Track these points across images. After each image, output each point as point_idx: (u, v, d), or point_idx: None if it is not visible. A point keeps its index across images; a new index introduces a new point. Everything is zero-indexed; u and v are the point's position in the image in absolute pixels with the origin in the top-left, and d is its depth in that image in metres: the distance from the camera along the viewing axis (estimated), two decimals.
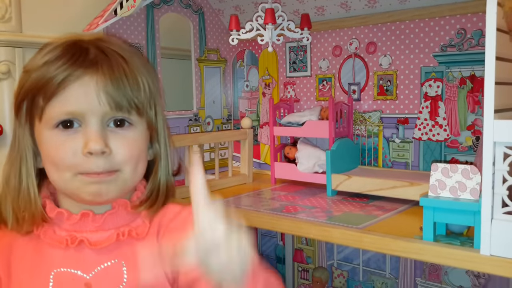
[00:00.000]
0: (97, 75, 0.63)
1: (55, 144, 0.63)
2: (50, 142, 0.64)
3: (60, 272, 0.66)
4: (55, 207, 0.68)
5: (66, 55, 0.63)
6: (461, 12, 1.06)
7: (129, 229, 0.68)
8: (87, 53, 0.64)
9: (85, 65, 0.63)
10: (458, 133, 1.09)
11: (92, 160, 0.63)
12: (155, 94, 0.71)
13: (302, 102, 1.37)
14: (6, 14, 1.11)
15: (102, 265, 0.67)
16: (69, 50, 0.64)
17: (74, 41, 0.66)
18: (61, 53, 0.64)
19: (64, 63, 0.62)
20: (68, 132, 0.63)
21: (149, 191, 0.72)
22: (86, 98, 0.62)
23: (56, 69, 0.62)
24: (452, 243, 0.74)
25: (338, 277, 1.36)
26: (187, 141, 1.16)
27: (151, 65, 0.76)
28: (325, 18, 1.29)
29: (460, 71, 1.08)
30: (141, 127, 0.68)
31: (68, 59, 0.63)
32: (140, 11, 1.23)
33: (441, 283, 1.16)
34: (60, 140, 0.63)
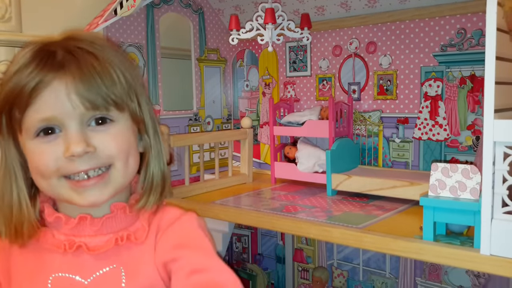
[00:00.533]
0: (66, 78, 0.61)
1: (37, 152, 0.63)
2: (32, 151, 0.63)
3: (58, 277, 0.65)
4: (53, 212, 0.67)
5: (35, 61, 0.62)
6: (461, 12, 1.06)
7: (128, 234, 0.67)
8: (55, 56, 0.62)
9: (53, 70, 0.61)
10: (458, 132, 1.09)
11: (77, 161, 0.62)
12: (135, 85, 0.68)
13: (302, 102, 1.37)
14: (6, 14, 1.11)
15: (101, 271, 0.66)
16: (37, 55, 0.63)
17: (42, 45, 0.64)
18: (30, 60, 0.62)
19: (33, 70, 0.61)
20: (49, 138, 0.62)
21: (142, 183, 0.70)
22: (59, 103, 0.61)
23: (26, 77, 0.61)
24: (452, 243, 0.74)
25: (338, 276, 1.36)
26: (187, 141, 1.16)
27: (127, 57, 0.72)
28: (325, 18, 1.29)
29: (460, 70, 1.08)
30: (124, 122, 0.66)
31: (37, 65, 0.61)
32: (140, 10, 1.23)
33: (441, 282, 1.16)
34: (42, 148, 0.62)
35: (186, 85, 1.43)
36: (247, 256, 1.58)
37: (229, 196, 1.16)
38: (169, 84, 1.39)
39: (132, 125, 0.68)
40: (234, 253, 1.62)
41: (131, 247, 0.67)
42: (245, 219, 1.00)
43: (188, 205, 1.10)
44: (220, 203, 1.09)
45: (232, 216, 1.03)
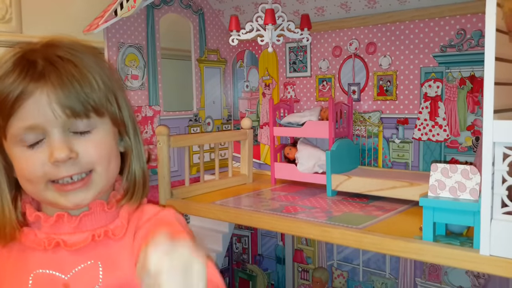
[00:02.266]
0: (47, 87, 0.62)
1: (24, 158, 0.65)
2: (18, 157, 0.65)
3: (39, 273, 0.67)
4: (33, 211, 0.70)
5: (16, 70, 0.63)
6: (460, 13, 1.06)
7: (105, 230, 0.69)
8: (35, 66, 0.64)
9: (34, 80, 0.63)
10: (458, 133, 1.10)
11: (61, 166, 0.64)
12: (114, 88, 0.70)
13: (302, 103, 1.37)
14: (7, 15, 1.11)
15: (79, 266, 0.68)
16: (18, 64, 0.64)
17: (22, 53, 0.66)
18: (11, 69, 0.64)
19: (15, 80, 0.62)
20: (33, 145, 0.64)
21: (125, 184, 0.73)
22: (41, 112, 0.63)
23: (8, 86, 0.62)
24: (452, 243, 0.74)
25: (338, 277, 1.36)
26: (187, 142, 1.16)
27: (104, 60, 0.75)
28: (325, 19, 1.29)
29: (460, 71, 1.08)
30: (104, 126, 0.68)
31: (18, 74, 0.63)
32: (140, 11, 1.23)
33: (441, 283, 1.16)
34: (28, 154, 0.64)
35: (186, 85, 1.43)
36: (247, 257, 1.59)
37: (229, 196, 1.16)
38: (169, 84, 1.39)
39: (112, 129, 0.70)
40: (234, 254, 1.62)
41: (109, 243, 0.69)
42: (245, 220, 1.00)
43: (188, 206, 1.10)
44: (220, 203, 1.09)
45: (232, 216, 1.03)
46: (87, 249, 0.68)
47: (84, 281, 0.67)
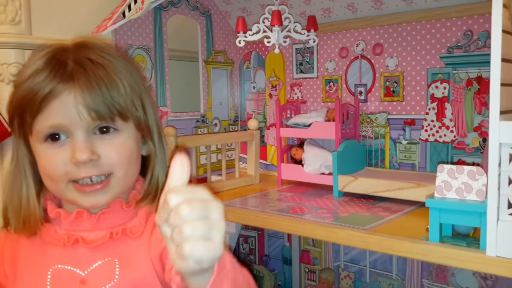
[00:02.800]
0: (74, 89, 0.64)
1: (47, 156, 0.67)
2: (42, 154, 0.67)
3: (58, 268, 0.69)
4: (54, 208, 0.72)
5: (47, 69, 0.65)
6: (467, 14, 1.06)
7: (123, 228, 0.70)
8: (65, 67, 0.65)
9: (63, 81, 0.64)
10: (465, 134, 1.09)
11: (82, 167, 0.66)
12: (140, 93, 0.71)
13: (309, 104, 1.37)
14: (16, 17, 1.12)
15: (97, 263, 0.69)
16: (49, 63, 0.66)
17: (54, 53, 0.67)
18: (42, 67, 0.65)
19: (45, 79, 0.64)
20: (57, 144, 0.66)
21: (146, 188, 0.74)
22: (67, 113, 0.64)
23: (38, 84, 0.64)
24: (458, 244, 0.74)
25: (345, 278, 1.36)
26: (194, 142, 1.17)
27: (134, 64, 0.76)
28: (331, 20, 1.29)
29: (467, 72, 1.08)
30: (128, 131, 0.70)
31: (48, 74, 0.64)
32: (148, 13, 1.24)
33: (448, 284, 1.16)
34: (50, 153, 0.66)
35: (194, 87, 1.44)
36: (254, 257, 1.59)
37: (236, 197, 1.16)
38: (177, 86, 1.40)
39: (135, 133, 0.71)
40: (241, 254, 1.62)
41: (127, 241, 0.71)
42: (251, 220, 1.01)
43: None
44: (227, 204, 1.09)
45: (239, 217, 1.03)
46: (105, 247, 0.69)
47: (101, 277, 0.69)
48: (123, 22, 1.12)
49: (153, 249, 0.69)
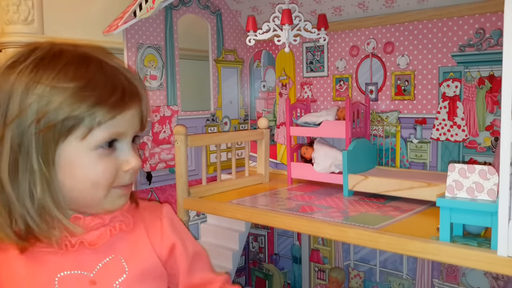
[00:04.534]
0: (137, 103, 0.68)
1: (97, 163, 0.65)
2: (92, 162, 0.65)
3: (64, 276, 0.68)
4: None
5: (125, 70, 0.69)
6: (480, 12, 1.05)
7: (120, 223, 0.72)
8: (136, 85, 0.69)
9: (135, 96, 0.68)
10: (476, 133, 1.08)
11: (129, 173, 0.69)
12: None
13: (319, 102, 1.37)
14: (29, 17, 1.13)
15: (102, 262, 0.70)
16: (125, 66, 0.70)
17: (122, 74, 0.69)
18: (122, 71, 0.69)
19: (125, 89, 0.66)
20: (109, 151, 0.67)
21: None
22: (128, 123, 0.67)
23: (121, 85, 0.66)
24: (469, 244, 0.74)
25: (354, 277, 1.36)
26: (204, 141, 1.17)
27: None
28: (342, 18, 1.29)
29: (479, 71, 1.07)
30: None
31: (129, 84, 0.67)
32: (158, 12, 1.25)
33: (459, 284, 1.15)
34: (103, 160, 0.66)
35: (204, 86, 1.45)
36: (263, 256, 1.59)
37: (245, 196, 1.17)
38: (187, 85, 1.41)
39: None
40: (251, 253, 1.63)
41: (123, 235, 0.72)
42: (261, 219, 1.01)
43: (205, 204, 1.11)
44: (236, 202, 1.10)
45: (248, 215, 1.03)
46: (105, 245, 0.70)
47: (109, 275, 0.70)
48: (134, 22, 1.12)
49: (165, 241, 0.76)
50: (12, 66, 0.64)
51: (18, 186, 0.63)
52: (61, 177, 0.65)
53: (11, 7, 1.11)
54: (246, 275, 1.63)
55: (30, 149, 0.62)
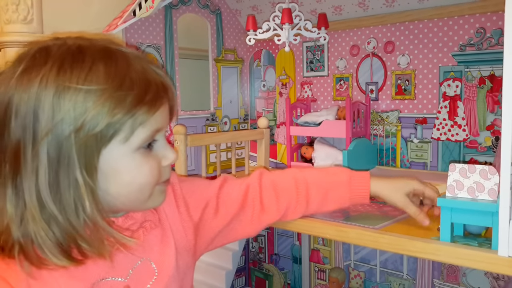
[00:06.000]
0: (168, 98, 0.65)
1: (142, 164, 0.62)
2: (138, 163, 0.61)
3: (100, 283, 0.64)
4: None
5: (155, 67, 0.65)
6: (480, 11, 1.05)
7: (149, 222, 0.69)
8: (162, 75, 0.66)
9: (166, 90, 0.65)
10: (477, 133, 1.08)
11: (167, 169, 0.66)
12: None
13: (319, 102, 1.37)
14: (28, 16, 1.13)
15: (134, 266, 0.67)
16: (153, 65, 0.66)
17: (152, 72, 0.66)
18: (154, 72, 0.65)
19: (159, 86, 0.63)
20: (149, 149, 0.63)
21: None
22: (164, 118, 0.64)
23: (157, 88, 0.63)
24: (470, 244, 0.73)
25: (355, 277, 1.35)
26: (204, 141, 1.17)
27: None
28: (342, 18, 1.28)
29: (480, 70, 1.07)
30: None
31: (157, 73, 0.64)
32: (158, 12, 1.24)
33: (460, 284, 1.15)
34: (147, 160, 0.62)
35: (204, 85, 1.44)
36: (263, 256, 1.59)
37: None
38: (187, 84, 1.40)
39: None
40: (251, 253, 1.62)
41: (149, 236, 0.69)
42: None
43: None
44: None
45: None
46: (135, 247, 0.66)
47: (142, 278, 0.67)
48: (134, 21, 1.12)
49: (186, 224, 0.74)
50: (28, 71, 0.58)
51: (62, 203, 0.57)
52: (105, 185, 0.60)
53: (10, 7, 1.11)
54: (246, 275, 1.63)
55: (71, 161, 0.57)
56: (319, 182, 0.83)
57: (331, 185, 0.83)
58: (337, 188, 0.83)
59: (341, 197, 0.83)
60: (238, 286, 1.62)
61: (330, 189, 0.83)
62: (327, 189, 0.83)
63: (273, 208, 0.82)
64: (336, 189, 0.83)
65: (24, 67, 0.58)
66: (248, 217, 0.81)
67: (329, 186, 0.83)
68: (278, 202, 0.82)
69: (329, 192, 0.82)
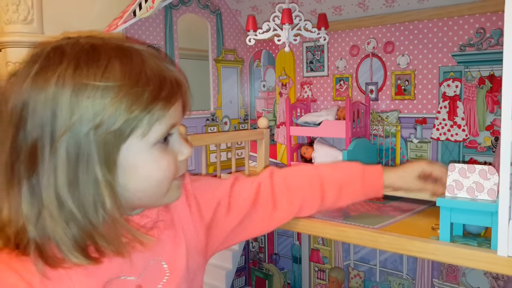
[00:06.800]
0: (184, 88, 0.65)
1: (159, 159, 0.62)
2: (154, 158, 0.62)
3: (111, 282, 0.63)
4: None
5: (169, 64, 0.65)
6: (480, 11, 1.05)
7: (162, 222, 0.69)
8: (174, 71, 0.66)
9: (180, 86, 0.65)
10: (476, 133, 1.08)
11: (183, 164, 0.66)
12: None
13: (319, 102, 1.37)
14: (29, 16, 1.13)
15: (147, 265, 0.67)
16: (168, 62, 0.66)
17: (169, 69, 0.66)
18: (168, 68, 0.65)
19: (172, 81, 0.63)
20: (165, 144, 0.63)
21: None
22: (179, 110, 0.65)
23: (170, 76, 0.63)
24: (469, 244, 0.73)
25: (354, 277, 1.36)
26: (204, 141, 1.17)
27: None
28: (342, 18, 1.28)
29: (479, 70, 1.07)
30: None
31: (172, 70, 0.64)
32: (158, 12, 1.24)
33: (459, 284, 1.15)
34: (163, 155, 0.62)
35: (204, 85, 1.44)
36: (263, 256, 1.59)
37: None
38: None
39: None
40: (251, 253, 1.63)
41: (163, 237, 0.69)
42: None
43: None
44: None
45: None
46: (149, 247, 0.65)
47: (153, 278, 0.67)
48: (134, 21, 1.12)
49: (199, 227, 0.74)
50: (43, 71, 0.58)
51: (81, 200, 0.57)
52: (124, 181, 0.60)
53: (10, 7, 1.11)
54: (246, 275, 1.63)
55: (91, 158, 0.57)
56: (333, 178, 0.83)
57: (345, 180, 0.82)
58: (352, 183, 0.82)
59: (355, 192, 0.83)
60: (238, 286, 1.62)
61: (344, 185, 0.82)
62: (341, 185, 0.82)
63: (285, 206, 0.82)
64: (351, 184, 0.82)
65: (39, 67, 0.58)
66: (260, 215, 0.80)
67: (343, 181, 0.82)
68: (291, 199, 0.82)
69: (343, 187, 0.82)
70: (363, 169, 0.83)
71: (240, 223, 0.79)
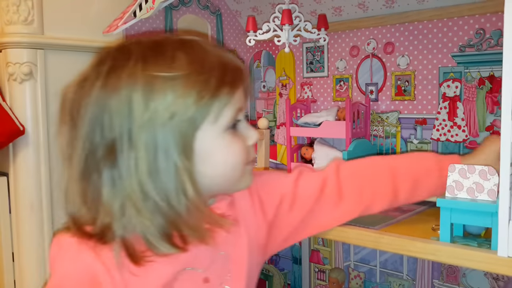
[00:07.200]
0: (245, 73, 0.67)
1: (232, 144, 0.64)
2: (228, 142, 0.64)
3: (182, 272, 0.65)
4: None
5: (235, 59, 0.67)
6: (480, 12, 1.05)
7: (230, 217, 0.69)
8: (234, 58, 0.67)
9: (241, 69, 0.66)
10: (476, 134, 1.08)
11: (252, 148, 0.68)
12: None
13: (319, 103, 1.37)
14: (29, 17, 1.13)
15: (214, 259, 0.68)
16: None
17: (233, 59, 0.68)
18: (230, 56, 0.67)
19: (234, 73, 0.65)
20: (234, 129, 0.65)
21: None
22: (243, 95, 0.66)
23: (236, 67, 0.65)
24: (469, 244, 0.74)
25: (354, 278, 1.36)
26: None
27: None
28: (342, 19, 1.29)
29: (479, 71, 1.07)
30: None
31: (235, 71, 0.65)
32: (158, 13, 1.24)
33: (459, 285, 1.15)
34: (235, 139, 0.65)
35: None
36: None
37: None
38: None
39: None
40: None
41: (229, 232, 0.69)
42: None
43: None
44: None
45: None
46: (217, 240, 0.66)
47: (220, 271, 0.67)
48: (134, 22, 1.12)
49: (278, 232, 0.75)
50: (113, 70, 0.60)
51: (163, 190, 0.59)
52: (201, 168, 0.62)
53: (11, 7, 1.11)
54: None
55: (169, 147, 0.59)
56: (406, 170, 0.78)
57: (420, 172, 0.78)
58: (427, 176, 0.77)
59: (432, 186, 0.78)
60: None
61: (419, 178, 0.77)
62: (416, 178, 0.77)
63: (352, 202, 0.78)
64: (426, 178, 0.77)
65: (108, 67, 0.61)
66: (324, 211, 0.78)
67: (418, 174, 0.78)
68: (360, 191, 0.78)
69: (418, 181, 0.77)
70: (438, 160, 0.78)
71: (303, 219, 0.77)
